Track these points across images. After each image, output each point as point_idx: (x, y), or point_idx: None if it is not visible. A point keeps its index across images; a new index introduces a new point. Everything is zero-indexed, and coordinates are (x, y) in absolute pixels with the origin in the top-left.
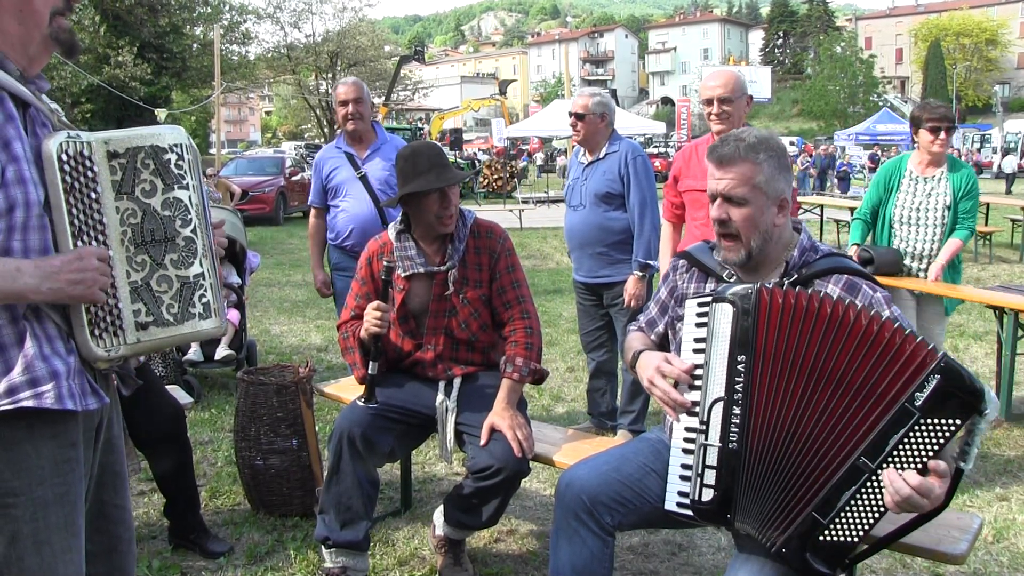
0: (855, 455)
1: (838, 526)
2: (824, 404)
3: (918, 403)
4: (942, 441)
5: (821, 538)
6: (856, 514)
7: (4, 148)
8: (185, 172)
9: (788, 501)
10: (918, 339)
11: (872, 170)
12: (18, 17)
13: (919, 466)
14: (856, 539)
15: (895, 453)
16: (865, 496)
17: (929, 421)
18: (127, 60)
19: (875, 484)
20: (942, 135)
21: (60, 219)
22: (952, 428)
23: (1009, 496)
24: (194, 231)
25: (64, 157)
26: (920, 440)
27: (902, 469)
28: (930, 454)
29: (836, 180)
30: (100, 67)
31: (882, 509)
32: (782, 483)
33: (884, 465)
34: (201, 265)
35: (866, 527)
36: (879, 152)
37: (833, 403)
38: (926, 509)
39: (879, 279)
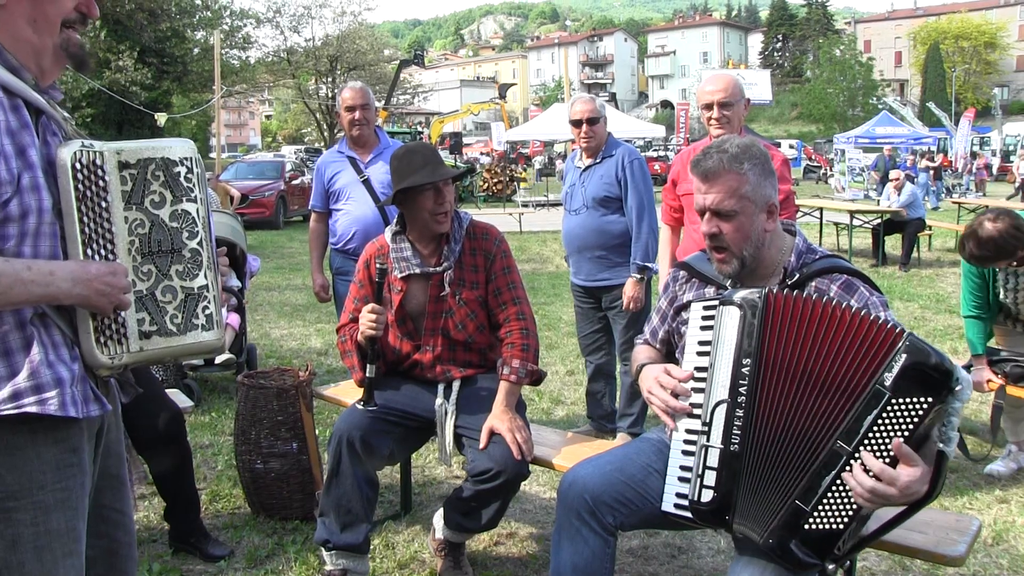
0: (833, 439)
1: (821, 513)
2: (813, 399)
3: (887, 383)
4: (915, 420)
5: (806, 527)
6: (838, 500)
7: (20, 155)
8: (194, 185)
9: (777, 496)
10: (888, 324)
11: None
12: (33, 26)
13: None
14: (841, 526)
15: (870, 435)
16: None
17: (900, 400)
18: (127, 65)
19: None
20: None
21: (71, 227)
22: (924, 407)
23: (1008, 498)
24: (200, 243)
25: (78, 166)
26: (893, 420)
27: (878, 450)
28: (904, 434)
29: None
30: (101, 72)
31: None
32: (775, 481)
33: (861, 448)
34: (205, 277)
35: (850, 513)
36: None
37: (820, 396)
38: (895, 499)
39: None
